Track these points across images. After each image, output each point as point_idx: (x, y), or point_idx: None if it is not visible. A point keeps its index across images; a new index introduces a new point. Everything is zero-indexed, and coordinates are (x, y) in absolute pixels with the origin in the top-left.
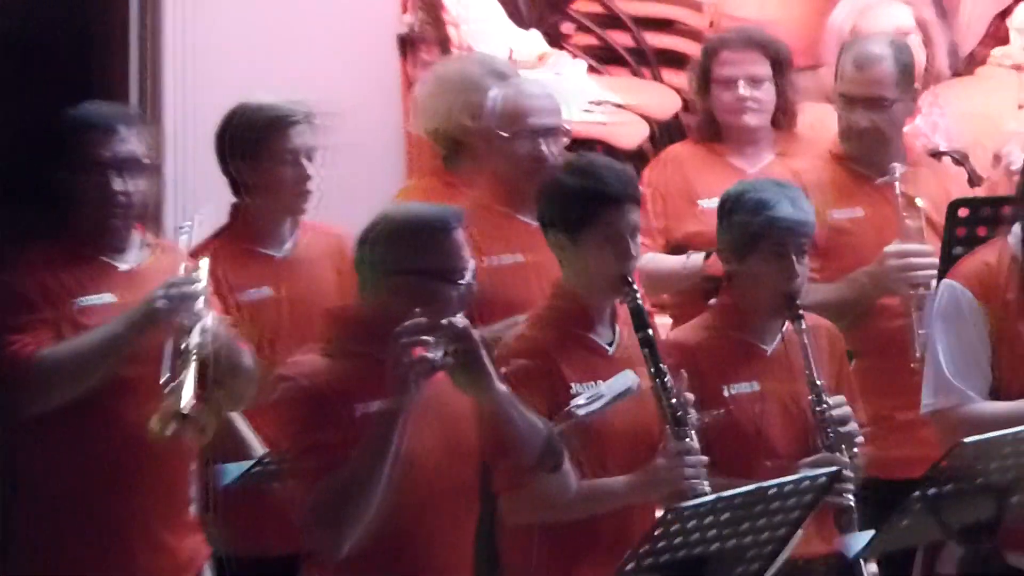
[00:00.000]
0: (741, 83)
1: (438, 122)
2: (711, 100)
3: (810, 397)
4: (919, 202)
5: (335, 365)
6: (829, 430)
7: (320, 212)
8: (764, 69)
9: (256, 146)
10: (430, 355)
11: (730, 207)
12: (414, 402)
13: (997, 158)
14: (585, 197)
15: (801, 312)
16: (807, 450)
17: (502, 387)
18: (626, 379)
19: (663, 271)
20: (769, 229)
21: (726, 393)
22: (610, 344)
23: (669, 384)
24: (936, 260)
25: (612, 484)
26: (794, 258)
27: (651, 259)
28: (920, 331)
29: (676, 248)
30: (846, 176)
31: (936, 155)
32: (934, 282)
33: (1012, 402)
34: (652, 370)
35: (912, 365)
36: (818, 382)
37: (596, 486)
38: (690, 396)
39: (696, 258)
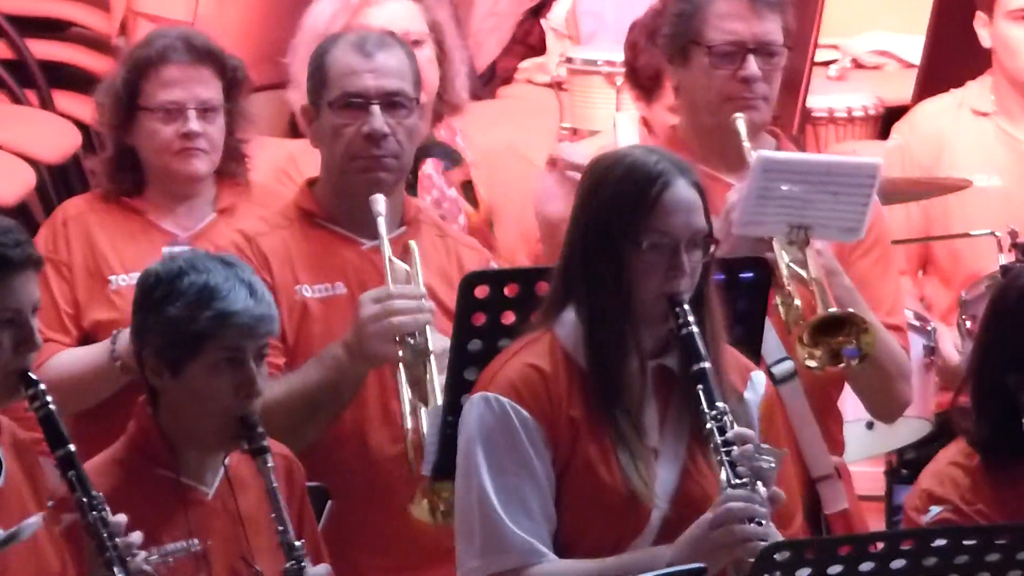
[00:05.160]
0: (192, 113)
1: None
2: (134, 136)
3: (287, 566)
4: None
5: None
6: None
7: None
8: (216, 93)
9: None
10: None
11: (159, 295)
12: None
13: (553, 161)
14: None
15: (266, 443)
16: None
17: None
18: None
19: (81, 370)
20: (219, 329)
21: (155, 556)
22: None
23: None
24: (430, 304)
25: None
26: (254, 365)
27: (64, 359)
28: (431, 443)
29: (84, 341)
30: (321, 239)
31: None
32: (432, 335)
33: (597, 560)
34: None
35: (409, 506)
36: (296, 543)
37: None
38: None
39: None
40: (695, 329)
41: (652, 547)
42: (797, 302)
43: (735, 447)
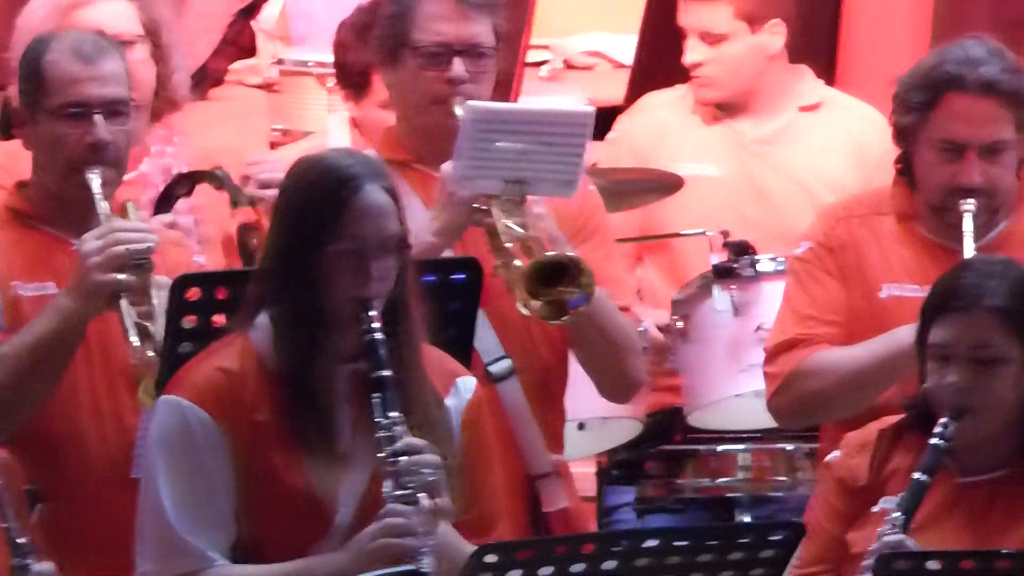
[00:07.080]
0: None
1: None
2: None
3: (13, 563)
4: None
5: None
6: None
7: None
8: None
9: None
10: None
11: None
12: None
13: (246, 178)
14: None
15: None
16: None
17: None
18: None
19: None
20: None
21: None
22: None
23: None
24: (155, 236)
25: None
26: None
27: None
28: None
29: None
30: (33, 239)
31: (183, 183)
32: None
33: (265, 566)
34: None
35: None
36: (20, 540)
37: None
38: None
39: None
40: (379, 336)
41: (321, 555)
42: (517, 262)
43: (403, 458)
